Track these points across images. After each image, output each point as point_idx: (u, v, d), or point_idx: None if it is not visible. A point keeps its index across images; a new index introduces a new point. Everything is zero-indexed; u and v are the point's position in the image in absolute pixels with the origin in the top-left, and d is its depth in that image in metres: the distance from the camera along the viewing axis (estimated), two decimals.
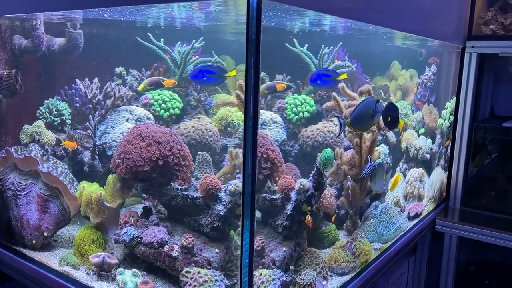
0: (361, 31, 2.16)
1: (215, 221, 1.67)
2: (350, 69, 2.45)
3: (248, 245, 1.16)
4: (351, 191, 1.93)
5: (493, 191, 3.30)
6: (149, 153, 1.69)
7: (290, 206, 1.67)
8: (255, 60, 1.13)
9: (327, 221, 1.97)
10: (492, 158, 3.28)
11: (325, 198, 1.82)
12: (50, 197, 1.99)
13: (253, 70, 1.13)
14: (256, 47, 1.13)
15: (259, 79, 1.13)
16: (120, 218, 1.78)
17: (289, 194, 1.70)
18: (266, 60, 1.18)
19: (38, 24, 2.24)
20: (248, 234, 1.15)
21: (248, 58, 1.13)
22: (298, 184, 1.65)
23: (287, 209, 1.67)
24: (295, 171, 1.95)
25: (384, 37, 2.40)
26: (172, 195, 1.74)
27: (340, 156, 1.95)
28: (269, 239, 1.69)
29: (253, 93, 1.13)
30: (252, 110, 1.12)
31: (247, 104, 1.12)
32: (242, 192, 1.15)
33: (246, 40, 1.12)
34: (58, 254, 1.95)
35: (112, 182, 1.87)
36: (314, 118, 2.46)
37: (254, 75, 1.13)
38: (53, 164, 2.12)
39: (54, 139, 2.22)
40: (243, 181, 1.14)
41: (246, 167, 1.13)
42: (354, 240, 1.92)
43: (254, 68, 1.14)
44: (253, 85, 1.13)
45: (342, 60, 2.43)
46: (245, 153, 1.12)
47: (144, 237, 1.66)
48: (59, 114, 2.28)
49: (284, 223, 1.67)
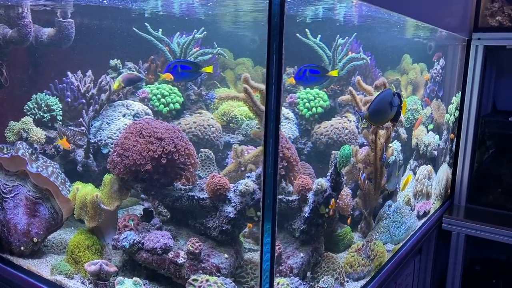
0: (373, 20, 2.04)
1: (224, 223, 1.53)
2: (365, 61, 2.32)
3: (269, 253, 1.02)
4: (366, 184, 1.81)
5: (499, 188, 3.22)
6: (150, 150, 1.54)
7: (308, 208, 1.54)
8: (278, 51, 0.99)
9: (342, 223, 1.85)
10: (498, 153, 3.20)
11: (341, 199, 1.69)
12: (40, 200, 1.83)
13: (275, 57, 0.99)
14: (279, 37, 0.99)
15: (281, 72, 0.99)
16: (119, 221, 1.63)
17: (306, 195, 1.56)
18: None
19: (24, 12, 2.07)
20: (270, 241, 1.02)
21: (270, 49, 0.99)
22: (316, 185, 1.51)
23: (304, 211, 1.54)
24: (309, 170, 1.82)
25: (396, 29, 2.28)
26: (176, 196, 1.59)
27: (356, 154, 1.83)
28: (285, 245, 1.55)
29: (276, 88, 0.99)
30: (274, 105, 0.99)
31: (268, 99, 0.98)
32: (263, 194, 1.02)
33: (268, 29, 0.98)
34: (49, 262, 1.80)
35: (109, 183, 1.71)
36: (328, 113, 2.32)
37: (277, 67, 0.99)
38: (43, 164, 1.96)
39: (43, 136, 2.05)
40: (263, 182, 1.01)
41: (266, 167, 1.00)
42: (369, 242, 1.80)
43: (278, 59, 0.99)
44: (275, 78, 0.99)
45: (356, 52, 2.30)
46: (265, 152, 0.99)
47: (146, 243, 1.51)
48: (48, 110, 2.11)
49: (301, 227, 1.54)
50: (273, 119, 0.99)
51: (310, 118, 2.32)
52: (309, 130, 2.33)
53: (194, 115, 2.21)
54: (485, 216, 3.03)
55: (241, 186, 1.52)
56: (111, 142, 1.96)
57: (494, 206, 3.16)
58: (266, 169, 1.00)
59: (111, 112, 2.04)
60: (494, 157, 3.21)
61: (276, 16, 0.97)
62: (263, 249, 1.03)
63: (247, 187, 1.52)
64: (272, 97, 0.98)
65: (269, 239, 1.03)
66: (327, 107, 2.31)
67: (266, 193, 1.02)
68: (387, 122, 1.78)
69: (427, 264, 3.14)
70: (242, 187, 1.51)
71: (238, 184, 1.55)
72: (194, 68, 1.93)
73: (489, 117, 3.16)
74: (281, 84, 0.99)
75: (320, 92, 2.33)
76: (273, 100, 0.98)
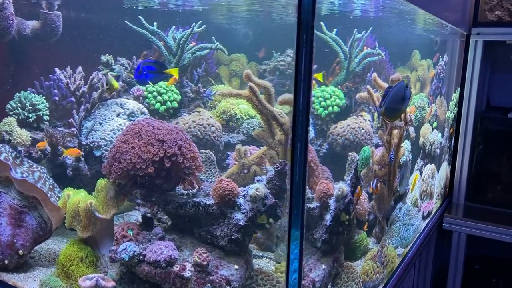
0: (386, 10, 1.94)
1: (233, 232, 1.40)
2: (380, 57, 2.21)
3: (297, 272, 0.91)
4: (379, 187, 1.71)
5: (498, 185, 3.19)
6: (151, 153, 1.41)
7: (329, 216, 1.42)
8: (310, 47, 0.87)
9: (359, 229, 1.75)
10: (496, 151, 3.16)
11: (359, 204, 1.59)
12: (26, 208, 1.68)
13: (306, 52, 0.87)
14: (310, 34, 0.87)
15: (312, 70, 0.88)
16: (116, 231, 1.48)
17: (328, 202, 1.44)
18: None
19: (5, 3, 1.89)
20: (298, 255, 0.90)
21: (300, 45, 0.87)
22: (337, 190, 1.40)
23: (326, 219, 1.42)
24: (327, 174, 1.69)
25: (406, 23, 2.18)
26: (180, 202, 1.46)
27: (372, 155, 1.73)
28: (307, 256, 1.43)
29: (306, 86, 0.87)
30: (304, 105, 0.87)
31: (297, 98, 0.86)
32: (290, 203, 0.90)
33: (298, 26, 0.86)
34: (37, 276, 1.65)
35: (104, 189, 1.57)
36: (344, 113, 2.20)
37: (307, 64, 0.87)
38: (28, 169, 1.80)
39: (29, 138, 1.89)
40: (291, 189, 0.89)
41: (294, 173, 0.88)
42: (383, 248, 1.71)
43: (308, 56, 0.87)
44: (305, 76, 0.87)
45: (372, 47, 2.18)
46: (293, 157, 0.87)
47: (148, 254, 1.38)
48: (34, 110, 1.95)
49: (323, 237, 1.42)
50: (301, 121, 0.87)
51: (326, 118, 2.19)
52: (325, 131, 2.21)
53: (193, 114, 2.07)
54: (485, 215, 2.99)
55: (252, 191, 1.39)
56: (105, 144, 1.80)
57: (493, 204, 3.12)
58: (294, 176, 0.89)
59: (103, 111, 1.88)
60: (493, 154, 3.16)
61: (307, 11, 0.85)
62: (289, 266, 0.91)
63: (258, 192, 1.40)
64: (301, 96, 0.86)
65: (297, 251, 0.91)
66: (343, 105, 2.19)
67: (293, 203, 0.91)
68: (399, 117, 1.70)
69: (427, 264, 3.08)
70: (252, 192, 1.39)
71: (248, 189, 1.42)
72: (158, 69, 1.75)
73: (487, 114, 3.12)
74: (311, 83, 0.87)
75: (336, 90, 2.19)
76: (301, 100, 0.86)
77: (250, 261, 1.49)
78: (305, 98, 0.87)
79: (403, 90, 1.58)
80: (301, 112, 0.86)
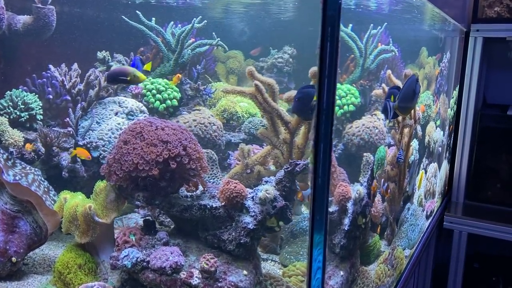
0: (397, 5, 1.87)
1: (242, 236, 1.34)
2: (394, 54, 2.14)
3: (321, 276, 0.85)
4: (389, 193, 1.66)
5: (498, 183, 3.17)
6: (153, 154, 1.33)
7: (347, 220, 1.36)
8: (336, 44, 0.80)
9: (372, 231, 1.69)
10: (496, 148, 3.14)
11: (374, 206, 1.53)
12: (19, 213, 1.59)
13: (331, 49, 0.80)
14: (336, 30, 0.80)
15: (337, 67, 0.81)
16: (117, 236, 1.40)
17: (346, 206, 1.38)
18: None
19: None
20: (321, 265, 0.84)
21: (324, 42, 0.80)
22: (355, 193, 1.34)
23: (344, 224, 1.35)
24: (343, 176, 1.62)
25: (416, 18, 2.12)
26: (185, 205, 1.38)
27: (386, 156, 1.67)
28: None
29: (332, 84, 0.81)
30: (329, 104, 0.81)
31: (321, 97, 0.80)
32: (312, 207, 0.84)
33: (322, 23, 0.79)
34: (31, 284, 1.56)
35: (103, 192, 1.49)
36: (358, 111, 2.12)
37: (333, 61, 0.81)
38: (21, 171, 1.71)
39: (21, 139, 1.79)
40: (313, 193, 0.83)
41: (317, 176, 0.82)
42: (393, 250, 1.66)
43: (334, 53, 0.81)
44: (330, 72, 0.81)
45: (386, 43, 2.11)
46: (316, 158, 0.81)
47: (152, 261, 1.30)
48: (26, 109, 1.85)
49: (341, 242, 1.35)
50: (325, 120, 0.80)
51: (341, 117, 2.12)
52: (340, 131, 2.13)
53: (193, 112, 1.99)
54: (485, 213, 2.97)
55: (261, 193, 1.33)
56: (103, 144, 1.72)
57: (493, 202, 3.10)
58: (316, 179, 0.82)
59: (101, 110, 1.79)
60: (492, 152, 3.15)
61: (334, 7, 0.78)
62: (311, 274, 0.85)
63: (268, 193, 1.33)
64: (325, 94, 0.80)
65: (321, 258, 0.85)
66: (358, 104, 2.11)
67: (316, 207, 0.84)
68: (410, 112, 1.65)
69: (427, 264, 3.06)
70: (262, 194, 1.33)
71: (257, 190, 1.36)
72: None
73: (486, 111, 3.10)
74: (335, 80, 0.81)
75: (352, 88, 2.11)
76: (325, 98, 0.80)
77: (259, 266, 1.42)
78: (330, 96, 0.80)
79: (414, 84, 1.54)
80: (325, 111, 0.80)
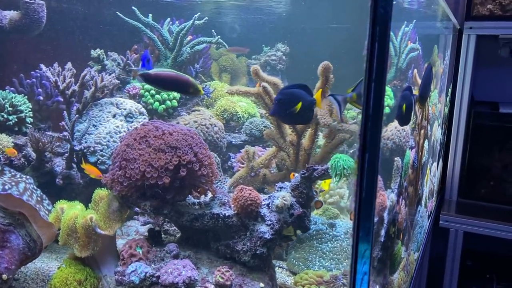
0: None
1: (258, 246, 1.26)
2: (418, 52, 2.06)
3: None
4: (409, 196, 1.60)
5: (491, 181, 3.19)
6: (162, 160, 1.24)
7: (383, 230, 1.28)
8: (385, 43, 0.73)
9: (397, 239, 1.63)
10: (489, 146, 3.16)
11: (400, 212, 1.47)
12: (10, 227, 1.46)
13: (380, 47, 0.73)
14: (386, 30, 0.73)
15: (386, 69, 0.74)
16: (123, 249, 1.31)
17: (383, 216, 1.30)
18: None
19: None
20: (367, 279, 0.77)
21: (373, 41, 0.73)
22: (389, 201, 1.27)
23: (381, 235, 1.28)
24: (380, 183, 1.51)
25: (433, 15, 2.06)
26: (196, 214, 1.30)
27: None
28: None
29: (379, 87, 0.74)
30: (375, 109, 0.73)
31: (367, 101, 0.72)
32: (357, 223, 0.77)
33: (372, 22, 0.72)
34: None
35: (105, 201, 1.38)
36: (392, 114, 1.98)
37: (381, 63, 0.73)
38: (11, 179, 1.58)
39: (10, 144, 1.66)
40: (358, 207, 0.76)
41: (362, 189, 0.75)
42: (409, 256, 1.61)
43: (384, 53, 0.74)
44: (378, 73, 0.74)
45: (413, 41, 2.02)
46: (361, 169, 0.74)
47: (163, 276, 1.21)
48: (15, 111, 1.72)
49: (378, 255, 1.28)
50: (371, 127, 0.73)
51: None
52: None
53: (193, 113, 1.90)
54: (479, 211, 2.98)
55: (279, 201, 1.25)
56: (100, 149, 1.61)
57: (486, 200, 3.11)
58: (361, 192, 0.75)
59: (97, 112, 1.68)
60: (485, 150, 3.16)
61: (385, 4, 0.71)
62: (355, 277, 0.78)
63: (285, 201, 1.26)
64: (371, 99, 0.73)
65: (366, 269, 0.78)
66: (392, 106, 1.99)
67: (361, 223, 0.77)
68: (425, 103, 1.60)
69: (423, 263, 3.05)
70: (280, 202, 1.25)
71: (273, 198, 1.28)
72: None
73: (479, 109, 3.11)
74: (384, 84, 0.74)
75: (387, 89, 2.00)
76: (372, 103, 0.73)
77: (274, 277, 1.35)
78: (377, 101, 0.73)
79: (428, 72, 1.51)
80: (371, 117, 0.72)
